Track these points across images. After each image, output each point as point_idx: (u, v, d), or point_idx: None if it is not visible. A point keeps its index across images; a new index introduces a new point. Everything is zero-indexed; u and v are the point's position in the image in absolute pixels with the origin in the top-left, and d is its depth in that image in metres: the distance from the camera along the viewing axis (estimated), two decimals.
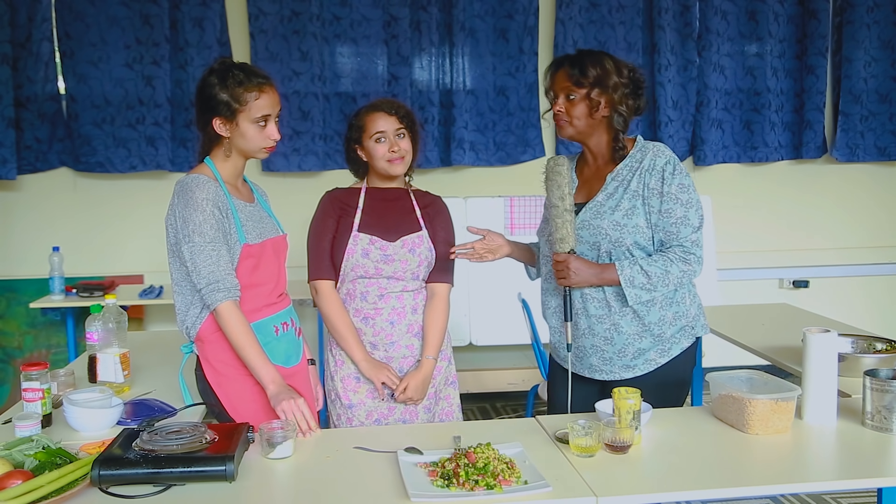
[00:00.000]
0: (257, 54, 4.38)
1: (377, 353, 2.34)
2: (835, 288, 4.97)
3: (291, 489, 1.65)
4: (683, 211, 2.08)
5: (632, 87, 2.16)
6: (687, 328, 2.19)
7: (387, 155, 2.31)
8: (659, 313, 2.14)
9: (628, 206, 2.11)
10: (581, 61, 2.14)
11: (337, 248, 2.33)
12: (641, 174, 2.11)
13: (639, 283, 2.07)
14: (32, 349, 4.46)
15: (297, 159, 4.45)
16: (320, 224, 2.36)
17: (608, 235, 2.11)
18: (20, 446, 1.71)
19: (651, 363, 2.15)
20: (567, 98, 2.15)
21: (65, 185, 4.44)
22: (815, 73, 4.78)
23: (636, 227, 2.10)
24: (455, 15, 4.49)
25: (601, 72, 2.12)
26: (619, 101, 2.13)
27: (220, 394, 2.05)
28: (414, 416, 2.36)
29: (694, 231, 2.09)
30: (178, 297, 2.06)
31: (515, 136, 4.63)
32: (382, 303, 2.33)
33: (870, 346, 2.47)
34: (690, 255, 2.09)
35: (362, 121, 2.35)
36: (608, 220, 2.12)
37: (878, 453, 1.76)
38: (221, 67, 2.01)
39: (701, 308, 2.25)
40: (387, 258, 2.31)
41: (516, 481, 1.59)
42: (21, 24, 4.19)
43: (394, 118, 2.33)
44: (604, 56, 2.16)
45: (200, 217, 1.94)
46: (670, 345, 2.16)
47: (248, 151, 2.06)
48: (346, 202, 2.38)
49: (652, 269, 2.07)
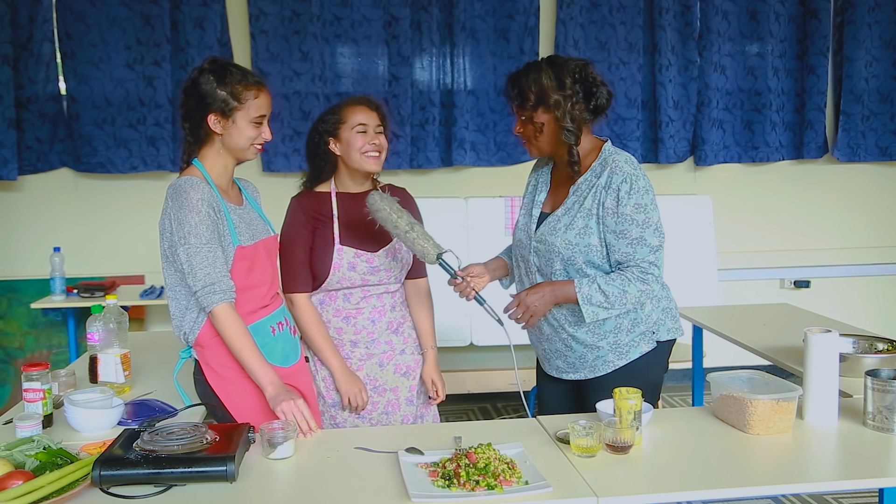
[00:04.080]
0: (258, 55, 4.39)
1: (358, 351, 2.38)
2: (836, 288, 4.96)
3: (292, 490, 1.65)
4: (639, 231, 2.01)
5: (582, 91, 2.06)
6: (647, 333, 2.14)
7: (366, 147, 2.28)
8: (615, 321, 2.11)
9: (582, 224, 2.06)
10: (518, 83, 2.08)
11: (319, 261, 2.30)
12: (597, 191, 2.05)
13: (596, 301, 2.02)
14: (33, 349, 4.46)
15: (298, 159, 4.44)
16: (293, 234, 2.31)
17: (560, 254, 2.08)
18: (21, 447, 1.71)
19: (609, 364, 2.14)
20: (520, 119, 2.12)
21: (66, 186, 4.44)
22: (816, 72, 4.78)
23: (588, 247, 2.06)
24: (456, 15, 4.49)
25: (538, 91, 2.05)
26: (561, 117, 2.05)
27: (224, 397, 2.04)
28: (396, 408, 2.42)
29: (652, 251, 2.03)
30: (172, 302, 2.05)
31: (516, 137, 4.62)
32: (364, 303, 2.36)
33: (871, 346, 2.47)
34: (648, 274, 2.02)
35: (341, 113, 2.32)
36: (561, 237, 2.08)
37: (879, 454, 1.76)
38: (217, 65, 2.00)
39: (669, 312, 2.19)
40: (373, 269, 2.33)
41: (517, 482, 1.59)
42: (22, 25, 4.19)
43: (375, 114, 2.33)
44: (543, 70, 2.06)
45: (196, 218, 1.93)
46: (628, 349, 2.13)
47: (239, 150, 2.04)
48: (318, 210, 2.33)
49: (609, 288, 2.02)
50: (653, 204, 2.04)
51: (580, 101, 2.07)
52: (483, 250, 4.39)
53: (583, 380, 2.18)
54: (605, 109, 2.11)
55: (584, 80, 2.07)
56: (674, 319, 2.21)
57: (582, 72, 2.07)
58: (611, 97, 2.11)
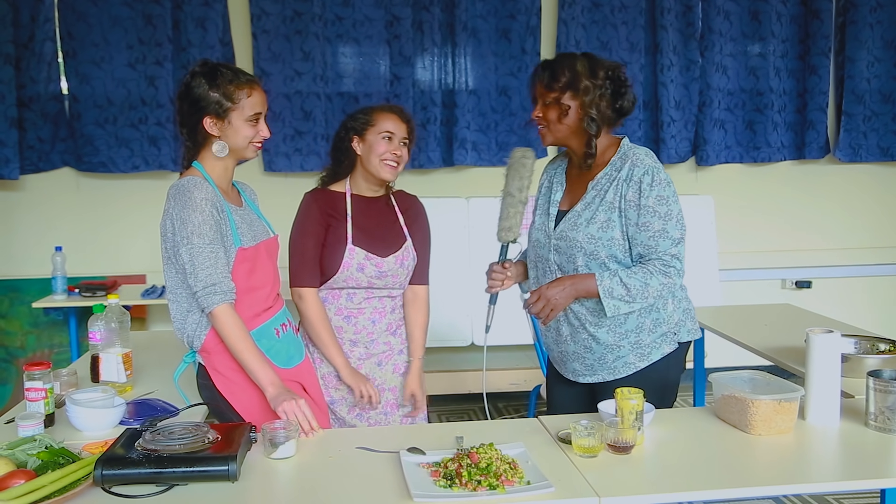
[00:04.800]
0: (259, 54, 4.39)
1: (358, 350, 2.39)
2: (838, 288, 4.96)
3: (294, 489, 1.65)
4: (662, 224, 2.01)
5: (611, 88, 2.09)
6: (668, 334, 2.13)
7: (387, 155, 2.31)
8: (637, 321, 2.10)
9: (604, 218, 2.06)
10: (552, 66, 2.10)
11: (329, 258, 2.32)
12: (619, 185, 2.06)
13: (618, 294, 2.02)
14: (35, 349, 4.46)
15: (300, 159, 4.45)
16: (307, 228, 2.33)
17: (583, 248, 2.08)
18: (23, 446, 1.71)
19: (630, 366, 2.12)
20: (543, 103, 2.12)
21: (67, 185, 4.45)
22: (817, 73, 4.78)
23: (611, 240, 2.06)
24: (457, 15, 4.49)
25: (571, 75, 2.06)
26: (589, 104, 2.06)
27: (234, 402, 2.04)
28: (395, 408, 2.43)
29: (674, 244, 2.02)
30: (173, 304, 2.04)
31: (518, 137, 4.63)
32: (366, 304, 2.39)
33: (873, 346, 2.47)
34: (670, 268, 2.02)
35: (373, 115, 2.35)
36: (583, 232, 2.08)
37: (881, 454, 1.76)
38: (207, 68, 1.99)
39: (689, 313, 2.19)
40: (381, 274, 2.35)
41: (519, 482, 1.59)
42: (24, 24, 4.20)
43: (404, 126, 2.37)
44: (579, 59, 2.10)
45: (199, 218, 1.92)
46: (650, 350, 2.12)
47: (238, 150, 2.03)
48: (332, 208, 2.36)
49: (631, 281, 2.01)
50: (674, 196, 2.04)
51: (608, 97, 2.09)
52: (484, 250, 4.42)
53: (600, 382, 2.16)
54: (627, 113, 2.14)
55: (615, 79, 2.10)
56: (693, 321, 2.20)
57: (615, 71, 2.11)
58: (634, 102, 2.14)
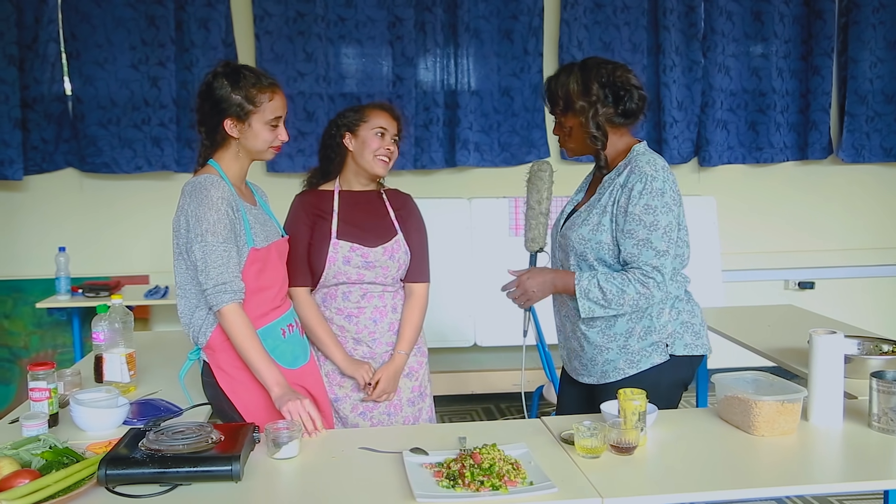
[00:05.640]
0: (262, 55, 4.39)
1: (361, 349, 2.39)
2: (840, 289, 4.95)
3: (297, 489, 1.65)
4: (646, 233, 1.98)
5: (611, 97, 2.06)
6: (659, 344, 2.08)
7: (380, 150, 2.33)
8: (627, 325, 2.08)
9: (597, 221, 2.06)
10: (551, 87, 2.13)
11: (315, 255, 2.33)
12: (615, 189, 2.05)
13: (593, 296, 2.02)
14: (39, 349, 4.47)
15: (302, 160, 4.45)
16: (294, 229, 2.34)
17: (574, 248, 2.09)
18: (27, 446, 1.71)
19: (619, 372, 2.10)
20: (556, 121, 2.17)
21: (71, 186, 4.46)
22: (820, 73, 4.77)
23: (600, 244, 2.05)
24: (460, 16, 4.49)
25: (565, 98, 2.09)
26: (586, 123, 2.06)
27: (235, 400, 2.04)
28: (398, 408, 2.42)
29: (657, 256, 1.98)
30: (181, 300, 2.05)
31: (520, 137, 4.63)
32: (365, 301, 2.38)
33: (876, 347, 2.47)
34: (650, 279, 1.98)
35: (365, 112, 2.37)
36: (576, 232, 2.09)
37: (884, 455, 1.76)
38: (230, 69, 2.01)
39: (689, 327, 2.12)
40: (368, 265, 2.34)
41: (521, 482, 1.59)
42: (28, 26, 4.21)
43: (395, 123, 2.39)
44: (573, 75, 2.08)
45: (215, 216, 1.93)
46: (639, 357, 2.08)
47: (257, 152, 2.06)
48: (319, 206, 2.37)
49: (608, 286, 2.00)
50: (665, 207, 1.99)
51: (609, 106, 2.07)
52: (487, 251, 4.44)
53: (595, 384, 2.16)
54: (637, 113, 2.11)
55: (611, 85, 2.07)
56: (694, 335, 2.13)
57: (609, 76, 2.07)
58: (643, 101, 2.11)
